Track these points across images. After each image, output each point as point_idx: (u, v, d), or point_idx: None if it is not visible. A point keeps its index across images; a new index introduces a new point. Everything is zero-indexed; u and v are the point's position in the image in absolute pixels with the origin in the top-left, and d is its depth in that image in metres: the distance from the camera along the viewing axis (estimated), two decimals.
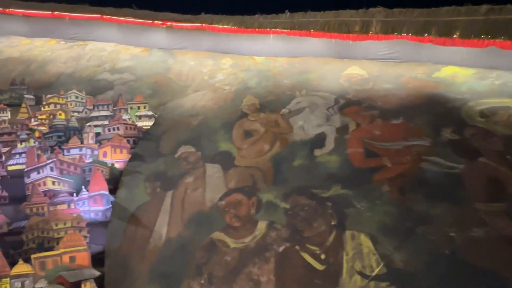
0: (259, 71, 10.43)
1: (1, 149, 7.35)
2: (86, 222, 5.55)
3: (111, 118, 8.47)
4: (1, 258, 4.63)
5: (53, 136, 7.93)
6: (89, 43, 12.18)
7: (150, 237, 5.17)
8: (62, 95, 9.06)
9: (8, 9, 12.20)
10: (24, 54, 11.26)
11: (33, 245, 5.24)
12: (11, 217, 5.91)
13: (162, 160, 7.00)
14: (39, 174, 6.51)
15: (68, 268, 4.71)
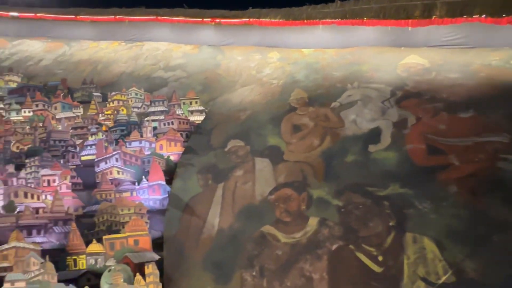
0: (307, 64, 10.16)
1: (76, 141, 8.29)
2: (147, 209, 6.01)
3: (166, 113, 9.02)
4: (79, 238, 5.26)
5: (117, 129, 8.73)
6: (146, 43, 13.07)
7: (203, 227, 5.40)
8: (124, 92, 9.91)
9: (78, 16, 13.67)
10: (92, 56, 12.52)
11: (103, 227, 5.85)
12: (85, 202, 6.68)
13: (213, 154, 7.22)
14: (106, 164, 7.23)
15: (133, 250, 5.16)
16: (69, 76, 11.11)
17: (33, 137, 8.34)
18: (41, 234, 5.74)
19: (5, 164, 7.17)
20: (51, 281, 4.70)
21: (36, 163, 7.07)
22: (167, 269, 4.77)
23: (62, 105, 9.58)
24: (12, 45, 13.06)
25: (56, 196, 5.91)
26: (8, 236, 5.48)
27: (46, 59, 12.32)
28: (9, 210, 5.85)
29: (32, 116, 9.38)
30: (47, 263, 4.74)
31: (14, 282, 4.63)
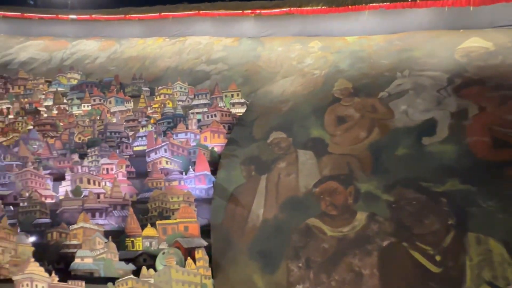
0: (351, 52, 9.71)
1: (128, 132, 8.93)
2: (194, 198, 6.31)
3: (209, 106, 9.30)
4: (136, 222, 5.71)
5: (164, 122, 9.22)
6: (188, 38, 13.52)
7: (248, 217, 5.52)
8: (170, 86, 10.41)
9: (127, 15, 14.57)
10: (140, 53, 13.30)
11: (155, 213, 6.27)
12: (138, 189, 7.20)
13: (255, 145, 7.29)
14: (156, 155, 7.69)
15: (183, 235, 5.47)
16: (121, 72, 11.93)
17: (92, 129, 9.17)
18: (102, 216, 6.34)
19: (71, 153, 7.99)
20: (114, 259, 5.20)
21: (96, 152, 7.76)
22: (215, 255, 4.98)
23: (115, 99, 10.36)
24: (71, 45, 14.35)
25: (115, 183, 6.46)
26: (76, 217, 6.15)
27: (101, 57, 13.36)
28: (76, 194, 6.54)
29: (91, 110, 10.31)
30: (110, 243, 5.24)
31: (83, 258, 5.22)
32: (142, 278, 4.81)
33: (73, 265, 5.23)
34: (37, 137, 8.64)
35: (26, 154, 7.86)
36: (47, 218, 6.33)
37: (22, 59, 13.60)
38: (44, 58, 13.61)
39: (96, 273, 5.21)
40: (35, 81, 12.00)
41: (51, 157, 7.92)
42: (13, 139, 9.07)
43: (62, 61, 13.32)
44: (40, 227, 6.18)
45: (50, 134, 9.21)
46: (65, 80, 11.98)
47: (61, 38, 14.80)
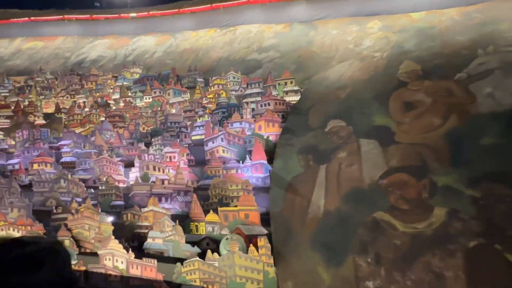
0: (418, 30, 8.72)
1: (187, 123, 9.35)
2: (252, 186, 6.37)
3: (262, 94, 9.25)
4: (199, 207, 5.99)
5: (218, 112, 9.45)
6: (239, 27, 13.54)
7: (308, 207, 5.39)
8: (223, 77, 10.59)
9: (181, 9, 15.11)
10: (193, 45, 13.75)
11: (215, 199, 6.50)
12: (198, 176, 7.53)
13: (312, 134, 7.05)
14: (213, 144, 7.93)
15: (244, 223, 5.58)
16: (177, 64, 12.47)
17: (154, 120, 9.81)
18: (168, 201, 6.78)
19: (138, 142, 8.68)
20: (181, 242, 5.54)
21: (159, 141, 8.29)
22: (276, 244, 4.98)
23: (173, 91, 10.90)
24: (132, 42, 15.41)
25: (178, 171, 6.84)
26: (146, 201, 6.67)
27: (158, 52, 14.13)
28: (144, 180, 7.09)
29: (152, 101, 11.02)
30: (177, 226, 5.59)
31: (155, 239, 5.67)
32: (208, 261, 5.05)
33: (146, 244, 5.71)
34: (109, 128, 9.55)
35: (101, 143, 8.74)
36: (121, 201, 6.99)
37: (93, 57, 15.05)
38: (110, 55, 14.87)
39: (166, 253, 5.63)
40: (104, 77, 13.22)
41: (121, 146, 8.69)
42: (89, 129, 10.17)
43: (125, 57, 14.40)
44: (116, 208, 6.86)
45: (119, 125, 10.10)
46: (129, 75, 12.97)
47: (124, 36, 15.97)
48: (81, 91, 12.55)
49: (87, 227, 6.02)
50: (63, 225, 5.97)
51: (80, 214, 6.06)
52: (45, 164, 8.06)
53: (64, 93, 12.73)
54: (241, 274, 4.86)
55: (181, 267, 5.18)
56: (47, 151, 8.68)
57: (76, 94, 12.57)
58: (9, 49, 16.90)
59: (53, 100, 12.26)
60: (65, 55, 15.44)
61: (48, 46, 16.25)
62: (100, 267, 5.61)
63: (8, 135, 10.18)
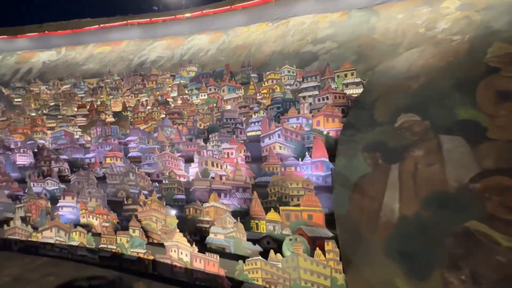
0: (510, 6, 7.35)
1: (242, 119, 9.35)
2: (314, 185, 6.05)
3: (319, 88, 8.78)
4: (259, 205, 5.87)
5: (273, 107, 9.25)
6: (291, 19, 13.12)
7: (380, 210, 4.88)
8: (277, 71, 10.33)
9: (233, 5, 15.21)
10: (245, 41, 13.74)
11: (274, 197, 6.34)
12: (255, 173, 7.43)
13: (379, 130, 6.39)
14: (270, 140, 7.76)
15: (306, 224, 5.31)
16: (230, 61, 12.57)
17: (210, 116, 10.01)
18: (227, 197, 6.81)
19: (196, 138, 8.93)
20: (242, 239, 5.49)
21: (216, 138, 8.41)
22: (344, 249, 4.61)
23: (228, 87, 11.00)
24: (187, 42, 16.01)
25: (237, 167, 6.81)
26: (206, 196, 6.79)
27: (212, 49, 14.43)
28: (204, 176, 7.23)
29: (207, 98, 11.30)
30: (239, 224, 5.54)
31: (216, 234, 5.71)
32: (270, 261, 4.91)
33: (208, 239, 5.80)
34: (169, 124, 10.02)
35: (163, 139, 9.21)
36: (183, 195, 7.24)
37: (153, 58, 16.03)
38: (168, 55, 15.67)
39: (227, 249, 5.64)
40: (163, 76, 13.98)
41: (181, 142, 9.04)
42: (152, 126, 10.84)
43: (181, 56, 15.03)
44: (178, 201, 7.13)
45: (178, 122, 10.56)
46: (185, 73, 13.50)
47: (179, 36, 16.70)
48: (143, 90, 13.46)
49: (154, 219, 6.35)
50: (133, 216, 6.38)
51: (148, 207, 6.41)
52: (116, 158, 8.78)
53: (129, 92, 13.81)
54: (306, 278, 4.62)
55: (243, 264, 5.13)
56: (117, 146, 9.45)
57: (139, 93, 13.54)
58: (83, 55, 18.94)
59: (120, 100, 13.38)
60: (129, 57, 16.74)
61: (115, 50, 17.80)
62: (166, 258, 5.88)
63: (85, 132, 11.38)
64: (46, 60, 19.30)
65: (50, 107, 13.31)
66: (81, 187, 7.86)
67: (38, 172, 9.05)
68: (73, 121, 12.17)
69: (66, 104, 13.34)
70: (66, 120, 12.06)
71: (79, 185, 8.14)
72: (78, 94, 14.49)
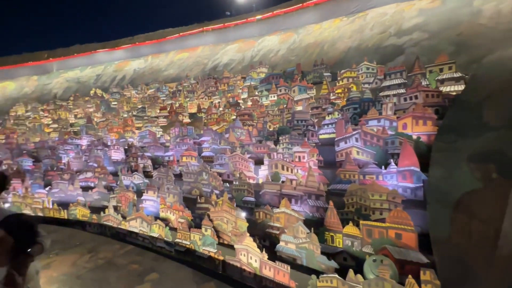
0: None
1: (314, 120, 8.85)
2: (402, 198, 5.22)
3: (406, 85, 7.70)
4: (336, 216, 5.34)
5: (349, 108, 8.49)
6: (369, 12, 11.99)
7: (496, 238, 3.85)
8: (354, 69, 9.50)
9: (305, 3, 14.76)
10: (317, 38, 13.13)
11: (352, 208, 5.70)
12: (329, 179, 6.88)
13: (492, 136, 5.12)
14: (346, 144, 7.10)
15: (394, 243, 4.57)
16: (301, 60, 12.16)
17: (280, 118, 9.79)
18: (298, 204, 6.45)
19: (266, 140, 8.80)
20: (315, 251, 5.05)
21: (287, 140, 8.11)
22: (444, 282, 3.75)
23: (299, 88, 10.62)
24: (258, 43, 16.17)
25: (310, 172, 6.39)
26: (276, 200, 6.55)
27: (282, 49, 14.25)
28: (274, 179, 7.01)
29: (277, 100, 11.12)
30: (312, 234, 5.12)
31: (287, 243, 5.40)
32: (349, 281, 4.36)
33: (278, 247, 5.52)
34: (240, 126, 10.17)
35: (234, 140, 9.36)
36: (252, 197, 7.15)
37: (225, 62, 16.70)
38: (239, 58, 16.10)
39: (299, 260, 5.28)
40: (234, 78, 14.40)
41: (251, 143, 9.04)
42: (223, 127, 11.19)
43: (252, 59, 15.25)
44: (248, 204, 7.07)
45: (248, 123, 10.66)
46: (256, 75, 13.63)
47: (250, 38, 17.02)
48: (216, 93, 14.10)
49: (225, 220, 6.40)
50: (206, 215, 6.55)
51: (220, 207, 6.49)
52: (191, 158, 9.28)
53: (203, 95, 14.66)
54: None
55: (316, 280, 4.69)
56: (192, 146, 10.02)
57: (212, 95, 14.24)
58: (165, 62, 21.02)
59: (195, 102, 14.29)
60: (204, 62, 17.84)
61: (192, 56, 19.22)
62: (236, 261, 5.83)
63: (165, 131, 12.48)
64: (136, 67, 22.04)
65: (138, 109, 15.04)
66: (161, 183, 8.53)
67: (127, 167, 10.21)
68: (156, 121, 13.48)
69: (151, 106, 14.88)
70: (150, 121, 13.41)
71: (159, 181, 8.85)
72: (160, 97, 16.04)
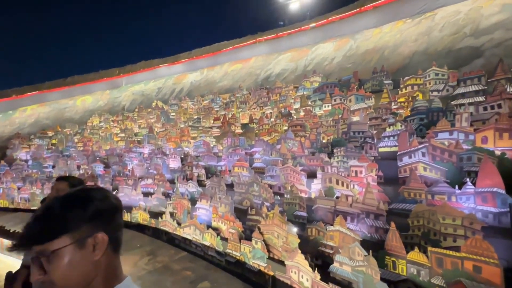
0: None
1: (372, 132, 8.41)
2: (482, 225, 4.60)
3: (485, 93, 6.85)
4: (399, 240, 4.94)
5: (415, 118, 7.87)
6: (438, 11, 11.05)
7: None
8: (420, 75, 8.81)
9: (363, 7, 14.29)
10: (376, 44, 12.55)
11: (418, 232, 5.23)
12: (390, 197, 6.42)
13: None
14: (410, 159, 6.58)
15: (471, 277, 4.04)
16: (358, 68, 11.73)
17: (335, 129, 9.52)
18: (354, 222, 6.14)
19: (319, 152, 8.62)
20: (374, 277, 4.72)
21: (342, 153, 7.83)
22: None
23: (355, 97, 10.23)
24: (311, 52, 16.11)
25: (368, 189, 6.06)
26: (330, 217, 6.34)
27: (337, 57, 13.95)
28: (328, 194, 6.81)
29: (332, 109, 10.85)
30: (371, 258, 4.80)
31: (342, 264, 5.15)
32: None
33: (332, 267, 5.30)
34: (291, 137, 10.17)
35: (285, 152, 9.38)
36: (304, 212, 7.03)
37: (277, 71, 16.99)
38: (292, 67, 16.23)
39: (355, 284, 4.99)
40: (286, 88, 14.53)
41: (303, 155, 8.94)
42: (275, 138, 11.32)
43: (305, 68, 15.24)
44: (299, 219, 6.97)
45: (300, 134, 10.60)
46: (309, 84, 13.55)
47: (303, 47, 17.06)
48: (268, 103, 14.38)
49: (276, 235, 6.40)
50: (257, 227, 6.65)
51: (271, 221, 6.53)
52: (243, 168, 9.56)
53: (255, 105, 15.07)
54: None
55: None
56: (244, 157, 10.33)
57: (264, 106, 14.55)
58: (219, 73, 22.24)
59: (247, 112, 14.76)
60: (256, 73, 18.40)
61: (245, 67, 20.00)
62: (286, 278, 5.76)
63: (218, 142, 13.11)
64: (193, 80, 23.75)
65: (194, 119, 16.13)
66: (213, 192, 8.94)
67: (183, 175, 10.96)
68: (209, 132, 14.27)
69: (205, 117, 15.82)
70: (205, 131, 14.25)
71: (212, 190, 9.29)
72: (214, 108, 16.96)
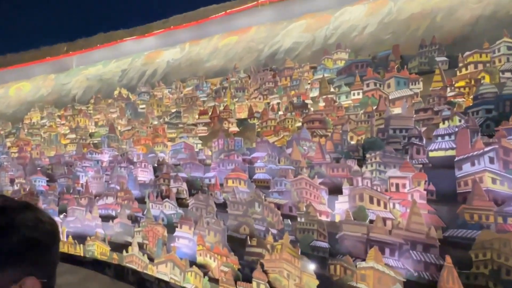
0: None
1: (420, 129, 8.41)
2: None
3: None
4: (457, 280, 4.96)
5: (479, 110, 7.91)
6: None
7: None
8: (486, 49, 8.86)
9: None
10: (425, 6, 12.62)
11: (484, 270, 5.24)
12: (445, 220, 6.43)
13: None
14: (474, 167, 6.59)
15: None
16: (400, 40, 11.81)
17: (368, 125, 9.56)
18: (394, 255, 6.15)
19: (346, 159, 8.65)
20: None
21: (378, 159, 7.86)
22: None
23: (396, 80, 10.28)
24: (334, 18, 16.22)
25: (414, 209, 6.07)
26: (361, 249, 6.36)
27: (371, 25, 14.04)
28: (359, 217, 6.83)
29: (364, 98, 10.90)
30: None
31: None
32: None
33: None
34: (307, 137, 10.21)
35: (299, 158, 9.42)
36: (326, 242, 7.06)
37: (287, 46, 17.11)
38: (307, 40, 16.34)
39: None
40: (300, 69, 14.62)
41: (324, 162, 8.97)
42: (284, 138, 11.37)
43: (326, 40, 15.35)
44: (319, 251, 6.99)
45: (319, 133, 10.64)
46: (331, 63, 13.63)
47: (323, 12, 17.16)
48: (274, 90, 14.47)
49: (285, 274, 6.43)
50: (259, 264, 6.68)
51: (278, 255, 6.56)
52: (239, 181, 9.61)
53: (256, 93, 15.17)
54: None
55: None
56: (241, 165, 10.38)
57: (269, 94, 14.64)
58: (207, 49, 22.44)
59: (246, 103, 14.86)
60: (258, 48, 18.52)
61: (242, 40, 20.16)
62: None
63: (206, 144, 13.19)
64: (170, 59, 23.93)
65: (171, 114, 16.25)
66: (199, 215, 9.00)
67: (157, 192, 11.03)
68: (193, 130, 14.36)
69: (187, 110, 15.92)
70: (187, 130, 14.35)
71: (197, 212, 9.35)
72: (200, 97, 17.09)
